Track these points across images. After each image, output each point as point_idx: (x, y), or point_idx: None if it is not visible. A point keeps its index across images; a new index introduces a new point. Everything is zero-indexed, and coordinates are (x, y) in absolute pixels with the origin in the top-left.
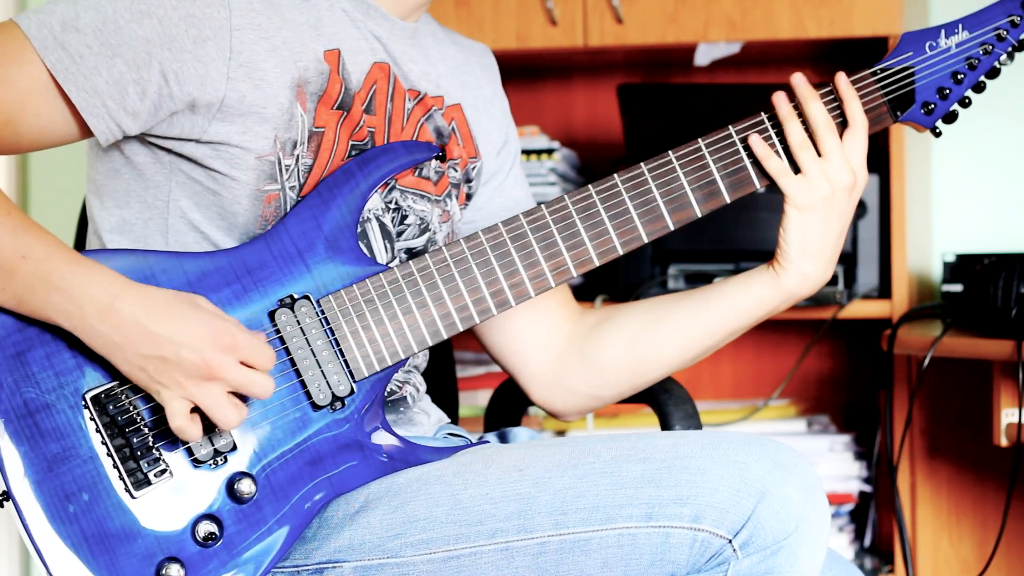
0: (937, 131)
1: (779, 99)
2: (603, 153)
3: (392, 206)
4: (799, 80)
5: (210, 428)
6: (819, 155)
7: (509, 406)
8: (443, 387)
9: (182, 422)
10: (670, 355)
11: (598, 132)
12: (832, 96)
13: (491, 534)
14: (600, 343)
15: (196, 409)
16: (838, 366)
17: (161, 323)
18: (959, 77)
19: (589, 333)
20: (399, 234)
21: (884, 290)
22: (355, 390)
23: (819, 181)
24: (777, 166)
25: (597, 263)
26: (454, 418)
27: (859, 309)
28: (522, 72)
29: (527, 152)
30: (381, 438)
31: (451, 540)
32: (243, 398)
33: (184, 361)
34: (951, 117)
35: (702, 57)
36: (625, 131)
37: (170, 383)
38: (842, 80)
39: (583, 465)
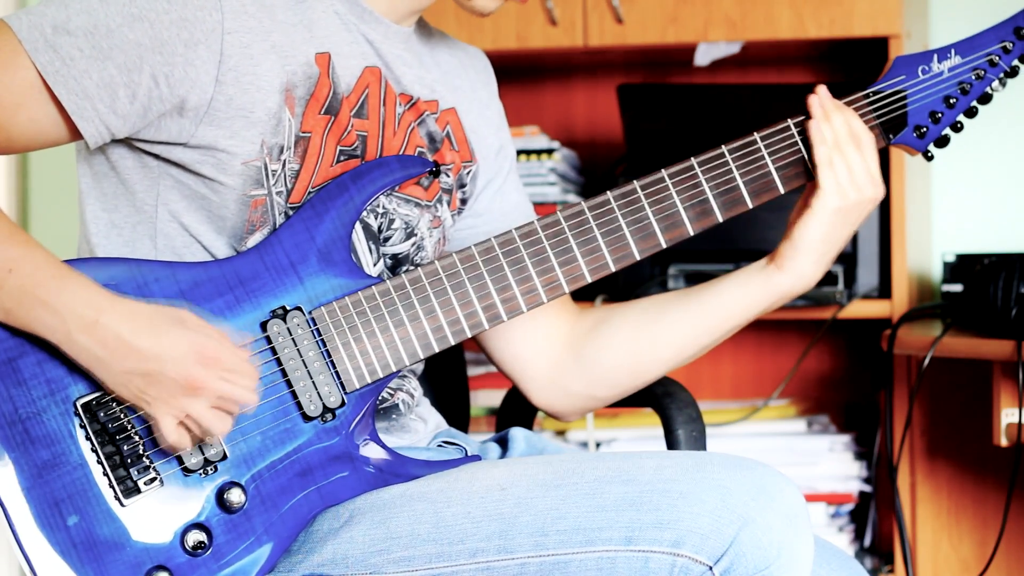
0: (929, 155)
1: (815, 102)
2: (603, 153)
3: (380, 210)
4: (823, 91)
5: (198, 439)
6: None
7: (521, 407)
8: (452, 389)
9: (175, 438)
10: (668, 356)
11: (598, 132)
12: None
13: (472, 553)
14: (598, 346)
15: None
16: (838, 366)
17: (145, 339)
18: (951, 101)
19: (587, 336)
20: (385, 239)
21: (884, 290)
22: (346, 402)
23: (849, 186)
24: (824, 155)
25: (589, 279)
26: (465, 419)
27: (859, 309)
28: (522, 72)
29: (527, 152)
30: (371, 450)
31: (432, 558)
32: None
33: (167, 377)
34: (943, 141)
35: (702, 57)
36: (625, 131)
37: (156, 398)
38: (832, 103)
39: (566, 485)
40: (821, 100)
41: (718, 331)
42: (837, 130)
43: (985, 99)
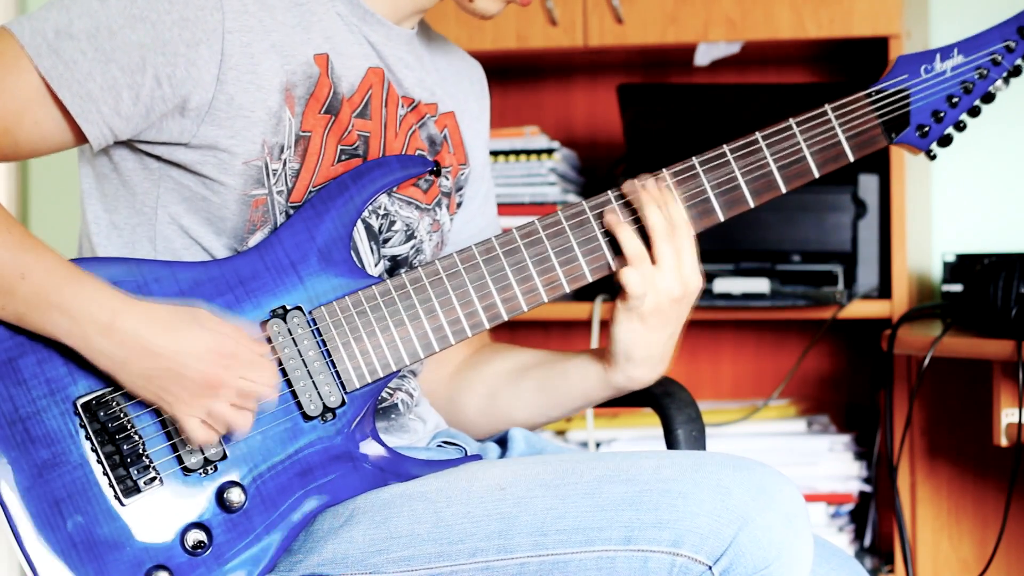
0: (932, 154)
1: (610, 214)
2: (603, 153)
3: (381, 211)
4: (629, 188)
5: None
6: (652, 263)
7: None
8: None
9: (203, 436)
10: (520, 419)
11: (598, 132)
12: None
13: (471, 553)
14: (462, 389)
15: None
16: (838, 366)
17: (162, 340)
18: (954, 100)
19: (460, 375)
20: (385, 240)
21: (884, 290)
22: (346, 401)
23: (650, 292)
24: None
25: (590, 279)
26: None
27: (859, 309)
28: (522, 72)
29: (527, 152)
30: (371, 450)
31: (432, 558)
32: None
33: (186, 377)
34: (946, 140)
35: (702, 57)
36: (625, 131)
37: (177, 397)
38: (638, 185)
39: (565, 485)
40: (628, 195)
41: (562, 409)
42: (650, 226)
43: (988, 98)
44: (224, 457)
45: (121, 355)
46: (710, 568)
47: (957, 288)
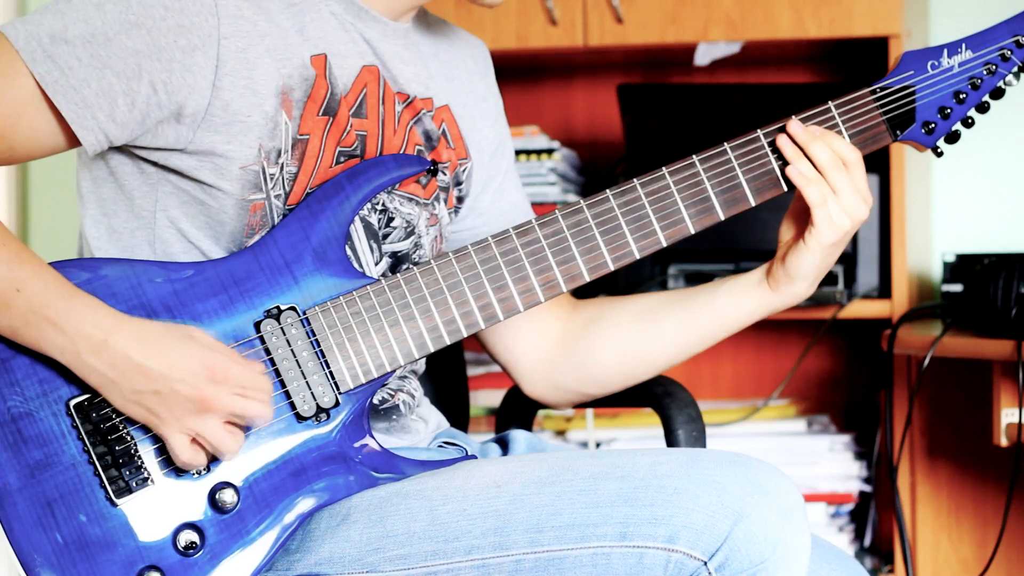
0: (939, 151)
1: (784, 143)
2: (603, 153)
3: (379, 207)
4: (795, 127)
5: (211, 456)
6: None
7: (521, 407)
8: (452, 389)
9: (189, 456)
10: (660, 361)
11: (598, 132)
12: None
13: (467, 551)
14: (591, 345)
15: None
16: (838, 366)
17: (154, 358)
18: (962, 97)
19: (580, 334)
20: (385, 236)
21: (884, 290)
22: (340, 402)
23: (842, 217)
24: (815, 194)
25: (587, 279)
26: (464, 419)
27: (859, 309)
28: (522, 72)
29: (527, 152)
30: (365, 450)
31: (428, 556)
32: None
33: (178, 395)
34: (953, 137)
35: (702, 57)
36: (625, 131)
37: (167, 417)
38: (805, 134)
39: (561, 482)
40: (793, 135)
41: (709, 340)
42: (820, 161)
43: (997, 94)
44: (217, 458)
45: (112, 374)
46: (705, 564)
47: (957, 288)
